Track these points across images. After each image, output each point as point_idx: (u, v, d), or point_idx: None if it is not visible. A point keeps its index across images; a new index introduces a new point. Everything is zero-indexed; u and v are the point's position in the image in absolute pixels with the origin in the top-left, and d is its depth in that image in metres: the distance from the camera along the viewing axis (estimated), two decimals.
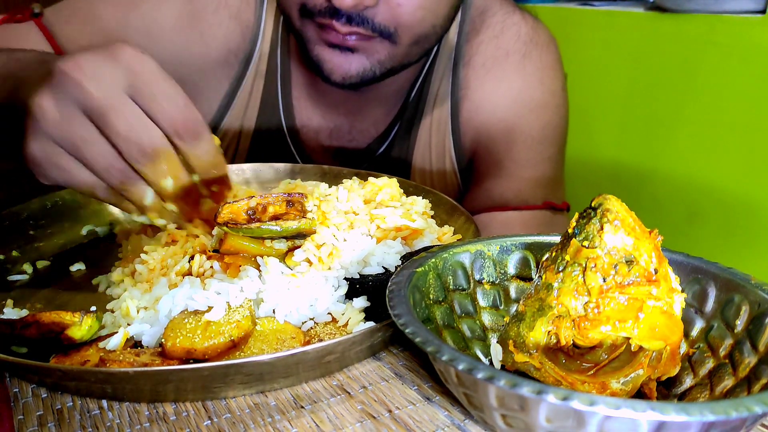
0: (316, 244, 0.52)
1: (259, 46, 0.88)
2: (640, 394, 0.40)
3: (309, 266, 0.51)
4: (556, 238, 0.46)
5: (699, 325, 0.43)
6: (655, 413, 0.29)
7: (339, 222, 0.54)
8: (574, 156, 1.44)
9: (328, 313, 0.49)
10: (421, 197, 0.65)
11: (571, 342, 0.39)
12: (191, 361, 0.43)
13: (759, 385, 0.37)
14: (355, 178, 0.64)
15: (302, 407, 0.42)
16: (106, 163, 0.49)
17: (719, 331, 0.41)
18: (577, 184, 1.55)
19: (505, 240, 0.48)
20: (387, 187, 0.61)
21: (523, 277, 0.48)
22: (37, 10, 0.81)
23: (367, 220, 0.56)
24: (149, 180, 0.51)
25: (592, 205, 0.39)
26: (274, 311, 0.48)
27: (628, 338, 0.38)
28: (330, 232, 0.53)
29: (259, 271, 0.51)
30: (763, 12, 1.35)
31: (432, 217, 0.64)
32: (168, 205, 0.54)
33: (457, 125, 0.91)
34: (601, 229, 0.38)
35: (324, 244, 0.52)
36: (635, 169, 1.65)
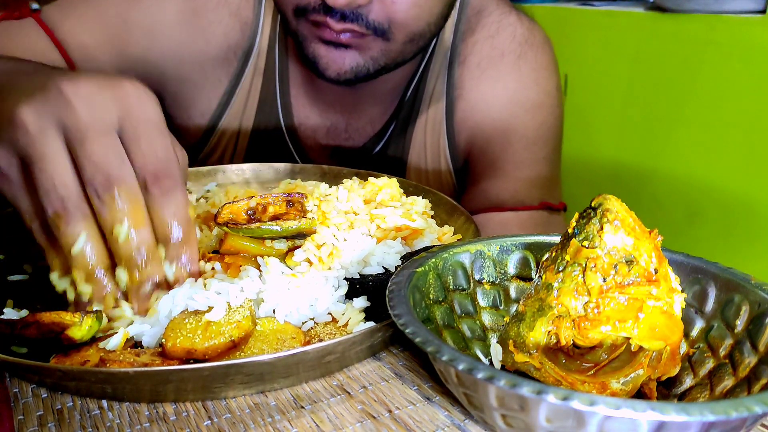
0: (316, 244, 0.52)
1: (258, 43, 0.88)
2: (640, 394, 0.40)
3: (309, 266, 0.51)
4: (556, 238, 0.46)
5: (699, 325, 0.43)
6: (655, 413, 0.29)
7: (339, 222, 0.54)
8: (573, 156, 1.45)
9: (328, 313, 0.49)
10: (421, 197, 0.65)
11: (571, 342, 0.39)
12: (191, 361, 0.43)
13: (759, 385, 0.37)
14: (355, 178, 0.64)
15: (302, 407, 0.42)
16: (53, 182, 0.44)
17: (719, 331, 0.41)
18: (577, 184, 1.55)
19: (505, 240, 0.48)
20: (387, 187, 0.61)
21: (523, 277, 0.48)
22: (35, 6, 0.81)
23: (367, 220, 0.56)
24: (104, 221, 0.45)
25: (592, 205, 0.39)
26: (274, 311, 0.48)
27: (628, 338, 0.38)
28: (330, 232, 0.53)
29: (260, 271, 0.51)
30: (763, 12, 1.35)
31: (432, 217, 0.64)
32: (118, 272, 0.46)
33: (451, 125, 0.91)
34: (601, 229, 0.38)
35: (324, 244, 0.52)
36: (635, 169, 1.65)
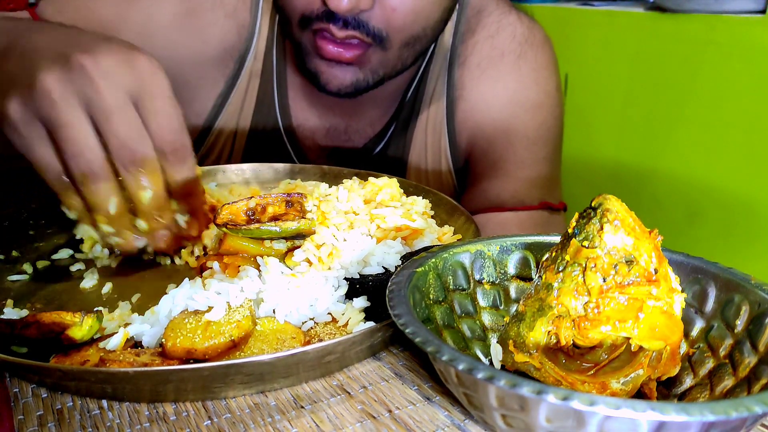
0: (316, 244, 0.52)
1: (255, 46, 0.88)
2: (640, 394, 0.40)
3: (309, 266, 0.51)
4: (556, 238, 0.46)
5: (699, 325, 0.43)
6: (655, 413, 0.29)
7: (339, 222, 0.54)
8: (573, 156, 1.44)
9: (328, 313, 0.49)
10: (421, 197, 0.65)
11: (571, 342, 0.39)
12: (191, 361, 0.43)
13: (759, 385, 0.37)
14: (355, 178, 0.64)
15: (302, 407, 0.42)
16: (80, 148, 0.49)
17: (719, 331, 0.41)
18: (577, 184, 1.55)
19: (505, 240, 0.48)
20: (387, 187, 0.61)
21: (523, 277, 0.48)
22: (32, 0, 0.80)
23: (367, 220, 0.56)
24: (129, 186, 0.52)
25: (592, 205, 0.39)
26: (274, 311, 0.48)
27: (628, 338, 0.38)
28: (330, 232, 0.53)
29: (259, 271, 0.51)
30: (763, 12, 1.35)
31: (432, 217, 0.64)
32: (138, 222, 0.54)
33: (452, 125, 0.91)
34: (601, 229, 0.38)
35: (324, 244, 0.52)
36: (635, 169, 1.65)
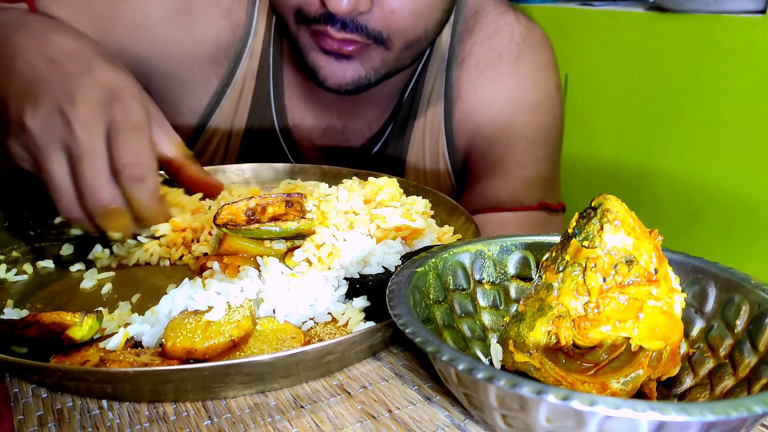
0: (315, 244, 0.52)
1: (250, 45, 0.88)
2: (640, 394, 0.40)
3: (309, 266, 0.51)
4: (556, 238, 0.46)
5: (699, 325, 0.43)
6: (655, 413, 0.29)
7: (339, 222, 0.54)
8: (573, 156, 1.44)
9: (328, 313, 0.49)
10: (421, 197, 0.65)
11: (571, 342, 0.39)
12: (191, 361, 0.43)
13: (759, 385, 0.37)
14: (355, 178, 0.64)
15: (302, 407, 0.42)
16: (62, 193, 0.56)
17: (719, 331, 0.41)
18: (577, 184, 1.55)
19: (505, 240, 0.48)
20: (387, 186, 0.61)
21: (523, 277, 0.48)
22: None
23: (367, 220, 0.56)
24: (102, 225, 0.58)
25: (592, 205, 0.39)
26: (274, 311, 0.48)
27: (628, 338, 0.38)
28: (330, 232, 0.53)
29: (259, 271, 0.51)
30: (763, 12, 1.35)
31: (432, 217, 0.64)
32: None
33: (450, 126, 0.91)
34: (601, 229, 0.38)
35: (324, 244, 0.52)
36: (635, 169, 1.65)
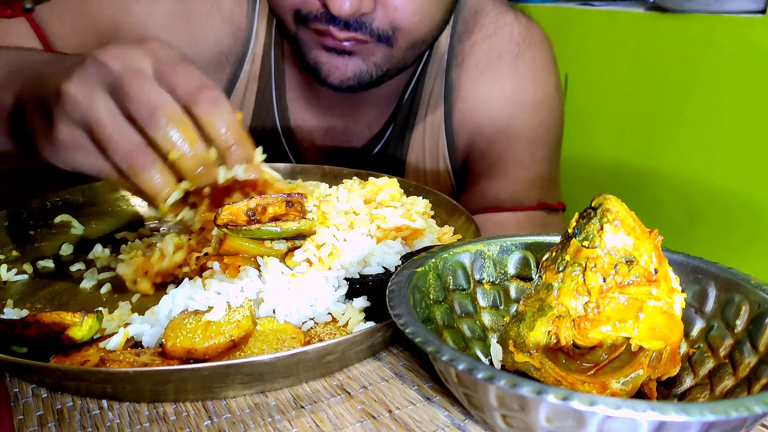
0: (316, 244, 0.52)
1: (252, 49, 0.88)
2: (640, 394, 0.40)
3: (309, 266, 0.51)
4: (556, 238, 0.46)
5: (699, 325, 0.43)
6: (655, 413, 0.29)
7: (339, 222, 0.54)
8: (573, 156, 1.44)
9: (328, 313, 0.49)
10: (422, 197, 0.65)
11: (571, 342, 0.39)
12: (191, 361, 0.43)
13: (759, 385, 0.37)
14: (355, 178, 0.64)
15: (302, 407, 0.42)
16: (116, 142, 0.49)
17: (719, 331, 0.41)
18: (577, 184, 1.55)
19: (505, 240, 0.48)
20: (387, 187, 0.61)
21: (523, 277, 0.48)
22: (28, 6, 0.80)
23: (368, 220, 0.56)
24: (161, 147, 0.49)
25: (592, 205, 0.39)
26: (274, 311, 0.48)
27: (628, 338, 0.38)
28: (330, 232, 0.53)
29: (259, 271, 0.51)
30: (763, 12, 1.35)
31: (432, 217, 0.64)
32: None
33: (450, 127, 0.91)
34: (601, 229, 0.38)
35: (324, 244, 0.52)
36: (635, 169, 1.65)
